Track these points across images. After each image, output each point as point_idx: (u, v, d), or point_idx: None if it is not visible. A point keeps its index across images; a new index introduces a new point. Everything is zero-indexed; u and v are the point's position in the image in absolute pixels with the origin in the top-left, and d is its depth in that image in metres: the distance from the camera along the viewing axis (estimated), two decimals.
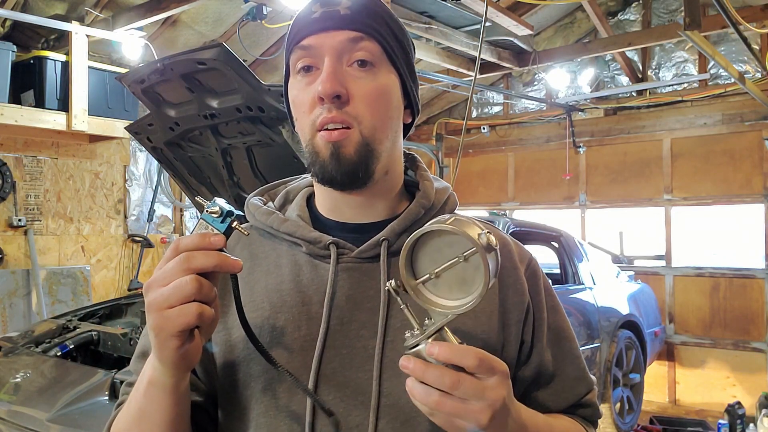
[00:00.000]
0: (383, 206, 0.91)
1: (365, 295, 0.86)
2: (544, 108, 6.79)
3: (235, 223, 0.73)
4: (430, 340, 0.69)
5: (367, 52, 0.84)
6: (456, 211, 0.95)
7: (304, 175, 1.01)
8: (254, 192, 1.00)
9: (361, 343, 0.84)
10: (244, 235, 0.88)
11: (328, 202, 0.92)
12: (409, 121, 0.95)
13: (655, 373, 5.97)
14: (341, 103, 0.82)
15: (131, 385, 0.89)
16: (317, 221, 0.92)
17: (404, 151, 0.98)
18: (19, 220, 4.58)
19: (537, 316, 0.94)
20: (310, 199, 0.96)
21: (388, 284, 0.72)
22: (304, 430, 0.80)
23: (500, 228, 3.92)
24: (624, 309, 4.76)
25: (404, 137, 0.95)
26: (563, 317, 0.99)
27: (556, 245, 4.61)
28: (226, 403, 0.88)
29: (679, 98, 6.07)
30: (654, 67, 6.29)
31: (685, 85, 6.13)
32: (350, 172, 0.83)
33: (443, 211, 0.94)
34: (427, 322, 0.70)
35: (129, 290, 5.02)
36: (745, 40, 4.15)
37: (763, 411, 4.74)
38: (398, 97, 0.89)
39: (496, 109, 7.40)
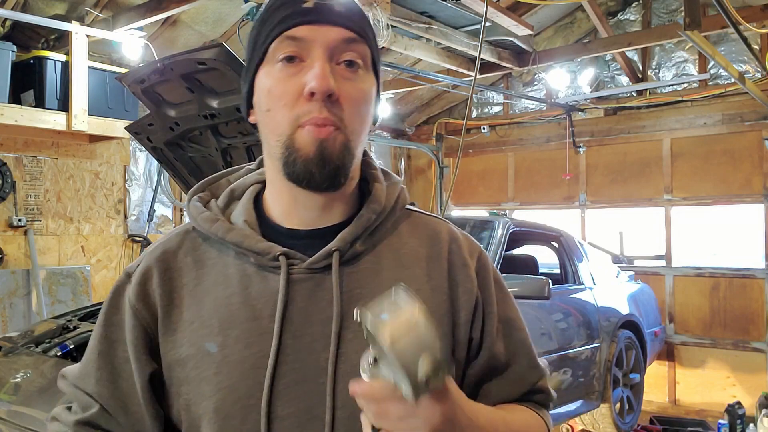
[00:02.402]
0: (339, 209, 0.88)
1: (317, 307, 0.83)
2: (544, 108, 6.79)
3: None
4: (366, 373, 0.70)
5: (358, 54, 0.82)
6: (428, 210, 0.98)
7: (247, 166, 0.96)
8: (195, 186, 0.94)
9: (313, 357, 0.81)
10: (188, 238, 0.89)
11: (285, 203, 0.87)
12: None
13: (655, 373, 5.97)
14: (332, 102, 0.79)
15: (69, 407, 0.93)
16: (266, 227, 0.88)
17: None
18: (19, 220, 4.58)
19: (487, 311, 0.92)
20: (257, 199, 0.91)
21: (355, 312, 0.69)
22: None
23: (500, 228, 3.93)
24: (624, 309, 4.76)
25: None
26: (513, 308, 0.97)
27: (556, 245, 4.61)
28: (179, 423, 0.85)
29: (679, 98, 6.07)
30: (654, 67, 6.29)
31: (685, 85, 6.13)
32: (331, 174, 0.80)
33: (394, 213, 0.91)
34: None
35: None
36: (745, 40, 4.15)
37: (763, 411, 4.74)
38: (374, 104, 0.87)
39: (496, 109, 7.40)
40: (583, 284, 4.50)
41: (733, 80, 4.74)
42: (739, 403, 5.03)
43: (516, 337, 0.95)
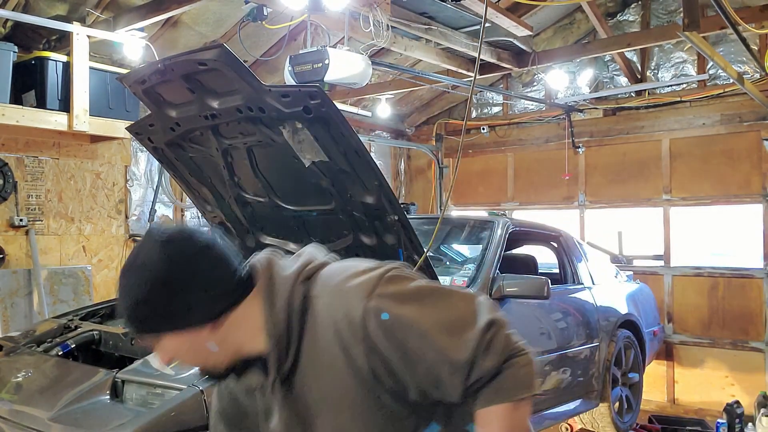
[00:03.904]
0: (265, 346, 1.19)
1: (275, 411, 1.26)
2: (544, 108, 6.81)
3: None
4: None
5: (148, 340, 1.16)
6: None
7: None
8: None
9: None
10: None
11: None
12: (203, 311, 1.14)
13: (654, 372, 5.99)
14: (175, 363, 1.22)
15: None
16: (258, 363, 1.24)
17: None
18: (21, 220, 4.59)
19: (393, 361, 1.11)
20: None
21: None
22: None
23: (499, 228, 3.95)
24: (623, 308, 4.77)
25: (235, 302, 1.16)
26: (417, 333, 1.11)
27: (556, 245, 4.63)
28: None
29: (678, 99, 6.09)
30: (653, 68, 6.30)
31: (684, 85, 6.15)
32: (216, 378, 1.26)
33: (291, 330, 1.16)
34: None
35: None
36: (743, 40, 4.17)
37: (762, 410, 4.76)
38: (186, 339, 1.14)
39: (496, 109, 7.42)
40: (582, 284, 4.51)
41: (731, 81, 4.75)
42: (737, 402, 5.04)
43: (429, 356, 1.11)
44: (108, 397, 2.52)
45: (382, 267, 1.18)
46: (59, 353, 3.01)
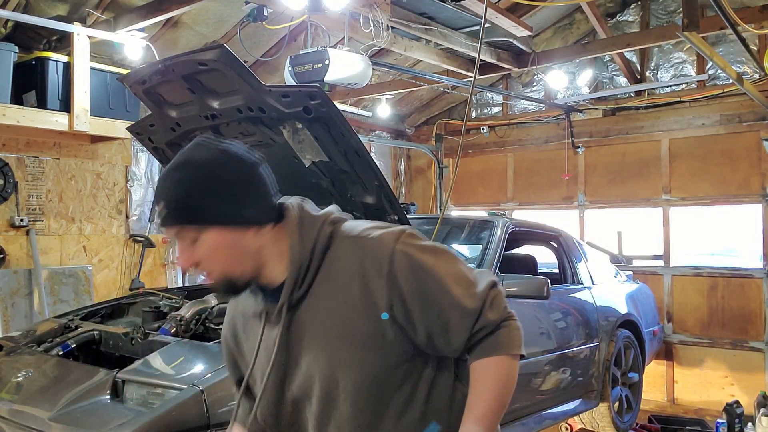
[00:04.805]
0: (281, 274, 1.29)
1: (272, 336, 1.31)
2: (543, 109, 6.81)
3: None
4: None
5: (188, 237, 1.22)
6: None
7: None
8: None
9: (265, 367, 1.33)
10: (239, 301, 1.42)
11: None
12: (253, 212, 1.25)
13: (654, 372, 6.00)
14: (197, 267, 1.24)
15: None
16: (263, 289, 1.33)
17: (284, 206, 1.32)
18: (21, 220, 4.60)
19: (410, 299, 1.24)
20: None
21: None
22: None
23: (499, 228, 3.95)
24: (622, 308, 4.77)
25: (275, 221, 1.29)
26: (431, 281, 1.26)
27: (555, 245, 4.63)
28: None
29: (678, 99, 6.10)
30: (652, 68, 6.31)
31: (684, 85, 6.15)
32: (229, 291, 1.29)
33: (314, 257, 1.27)
34: None
35: (130, 290, 5.04)
36: (743, 41, 4.17)
37: (761, 410, 4.76)
38: (228, 238, 1.23)
39: (496, 109, 7.42)
40: (582, 284, 4.52)
41: (731, 81, 4.76)
42: (737, 402, 5.05)
43: (441, 303, 1.25)
44: (108, 397, 2.52)
45: (401, 226, 1.34)
46: (59, 353, 3.01)
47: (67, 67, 4.29)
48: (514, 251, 4.81)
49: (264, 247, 1.27)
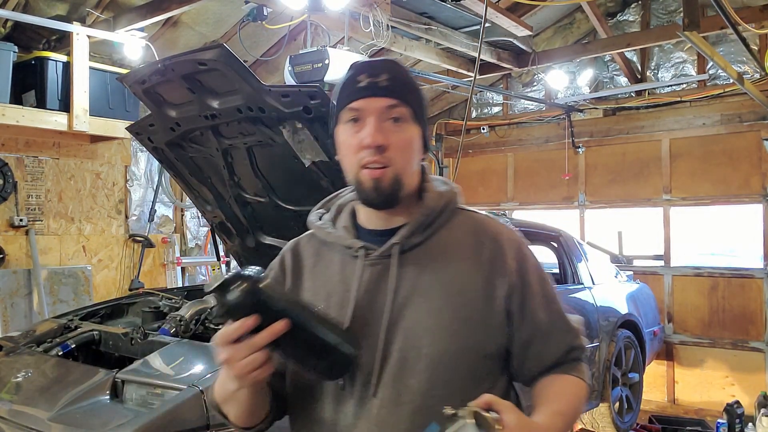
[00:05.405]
0: (402, 215, 1.23)
1: (383, 284, 1.21)
2: (544, 108, 6.81)
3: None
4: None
5: (399, 113, 1.18)
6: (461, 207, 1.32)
7: (349, 188, 1.34)
8: (316, 206, 1.38)
9: (375, 315, 1.19)
10: (313, 238, 1.33)
11: (365, 214, 1.28)
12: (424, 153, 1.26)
13: (654, 372, 5.99)
14: (382, 150, 1.16)
15: None
16: (358, 229, 1.28)
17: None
18: (21, 220, 4.60)
19: (526, 291, 1.24)
20: (354, 211, 1.31)
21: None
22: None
23: None
24: (623, 308, 4.77)
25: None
26: (550, 286, 1.30)
27: (556, 245, 4.63)
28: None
29: (678, 99, 6.09)
30: (653, 68, 6.31)
31: (684, 85, 6.15)
32: (385, 200, 1.19)
33: (443, 213, 1.25)
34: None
35: (130, 290, 5.04)
36: (743, 40, 4.17)
37: (762, 410, 4.75)
38: (419, 143, 1.23)
39: (496, 109, 7.42)
40: (582, 284, 4.51)
41: (731, 81, 4.75)
42: (737, 402, 5.04)
43: (554, 309, 1.28)
44: (108, 397, 2.51)
45: None
46: (59, 353, 3.01)
47: (67, 67, 4.29)
48: None
49: (418, 172, 1.27)
